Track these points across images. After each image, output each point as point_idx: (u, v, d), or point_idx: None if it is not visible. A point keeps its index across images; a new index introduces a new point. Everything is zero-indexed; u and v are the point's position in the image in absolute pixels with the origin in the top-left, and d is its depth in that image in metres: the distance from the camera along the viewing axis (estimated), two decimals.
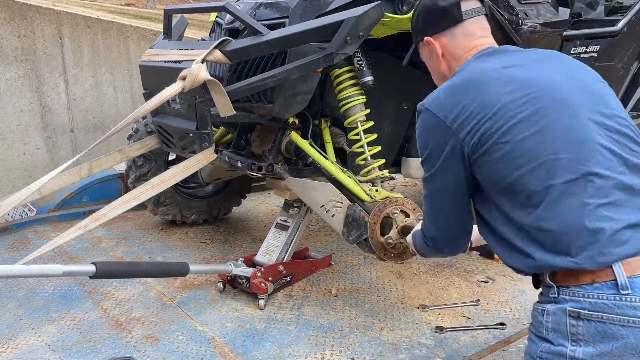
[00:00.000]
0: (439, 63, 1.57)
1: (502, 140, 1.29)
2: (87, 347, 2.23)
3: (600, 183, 1.23)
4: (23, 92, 5.16)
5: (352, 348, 2.22)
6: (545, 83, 1.34)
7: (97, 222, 2.44)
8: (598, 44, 2.96)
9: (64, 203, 3.89)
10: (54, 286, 2.78)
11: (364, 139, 2.50)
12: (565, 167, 1.25)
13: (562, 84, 1.34)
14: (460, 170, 1.37)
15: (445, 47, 1.54)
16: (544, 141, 1.27)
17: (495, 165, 1.31)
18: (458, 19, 1.51)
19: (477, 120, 1.32)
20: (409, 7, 2.25)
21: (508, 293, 2.72)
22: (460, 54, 1.52)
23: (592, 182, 1.23)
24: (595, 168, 1.24)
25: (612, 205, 1.22)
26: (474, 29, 1.53)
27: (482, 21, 1.55)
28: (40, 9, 5.22)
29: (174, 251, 3.30)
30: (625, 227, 1.21)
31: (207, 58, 2.37)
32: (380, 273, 2.95)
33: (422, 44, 1.61)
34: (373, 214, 2.27)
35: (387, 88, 2.71)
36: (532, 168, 1.26)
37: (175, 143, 3.00)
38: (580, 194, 1.23)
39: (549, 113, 1.29)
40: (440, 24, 1.54)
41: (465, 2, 1.52)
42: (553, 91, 1.32)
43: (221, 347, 2.23)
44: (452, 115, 1.35)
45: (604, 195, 1.23)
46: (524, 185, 1.27)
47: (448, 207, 1.47)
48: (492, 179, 1.34)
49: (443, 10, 1.53)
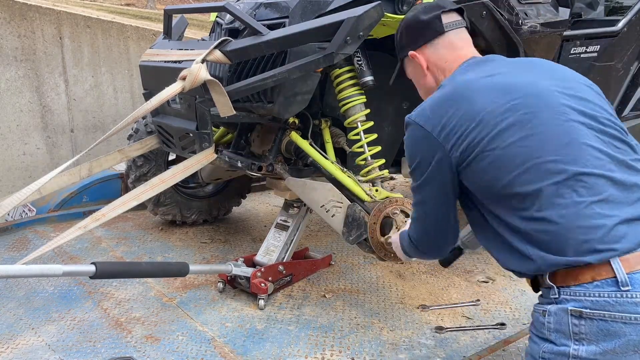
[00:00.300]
0: (424, 76, 1.62)
1: (489, 148, 1.31)
2: (87, 347, 2.23)
3: (591, 181, 1.25)
4: (23, 92, 5.16)
5: (352, 348, 2.22)
6: (529, 89, 1.36)
7: (97, 222, 2.44)
8: (598, 44, 2.96)
9: (64, 203, 3.89)
10: (54, 286, 2.78)
11: (364, 139, 2.50)
12: (554, 169, 1.27)
13: (545, 89, 1.36)
14: (447, 180, 1.41)
15: (429, 60, 1.59)
16: (531, 145, 1.29)
17: (484, 173, 1.34)
18: (440, 31, 1.57)
19: (462, 131, 1.35)
20: (409, 7, 2.26)
21: (508, 293, 2.72)
22: (445, 66, 1.56)
23: (582, 182, 1.24)
24: (584, 168, 1.26)
25: (605, 202, 1.24)
26: (455, 40, 1.57)
27: (464, 33, 1.61)
28: (40, 9, 5.22)
29: (174, 251, 3.30)
30: (620, 223, 1.22)
31: (207, 58, 2.37)
32: (380, 273, 2.95)
33: (407, 60, 1.67)
34: (373, 214, 2.28)
35: (387, 88, 2.71)
36: (521, 172, 1.28)
37: (175, 143, 3.00)
38: (572, 193, 1.25)
39: (534, 118, 1.31)
40: (422, 37, 1.60)
41: (446, 15, 1.57)
42: (537, 96, 1.34)
43: (221, 347, 2.23)
44: (439, 127, 1.38)
45: (596, 193, 1.24)
46: (514, 189, 1.29)
47: (435, 215, 1.52)
48: (482, 187, 1.36)
49: (425, 23, 1.58)
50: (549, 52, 2.65)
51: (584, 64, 2.93)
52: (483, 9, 2.28)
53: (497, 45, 2.43)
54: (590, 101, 1.37)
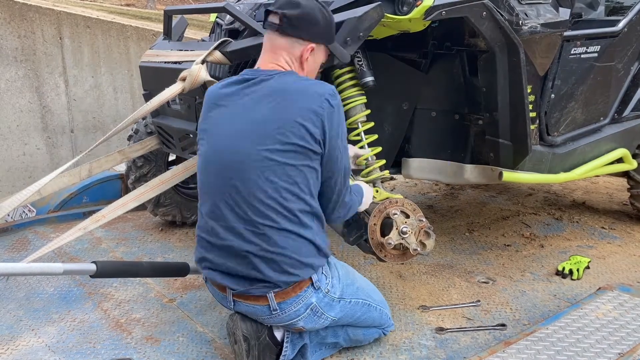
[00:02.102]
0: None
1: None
2: (87, 349, 2.23)
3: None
4: (23, 92, 5.16)
5: (352, 349, 2.22)
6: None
7: (97, 224, 2.44)
8: (598, 45, 2.96)
9: (64, 204, 3.89)
10: (54, 287, 2.78)
11: (364, 139, 2.49)
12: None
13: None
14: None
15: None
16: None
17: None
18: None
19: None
20: (409, 7, 2.25)
21: (508, 294, 2.72)
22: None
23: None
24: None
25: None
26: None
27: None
28: (40, 9, 5.23)
29: (173, 252, 3.30)
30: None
31: (207, 59, 2.37)
32: (381, 274, 2.95)
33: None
34: (373, 215, 2.27)
35: (388, 88, 2.71)
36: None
37: (175, 144, 3.00)
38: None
39: None
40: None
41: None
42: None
43: (221, 348, 2.23)
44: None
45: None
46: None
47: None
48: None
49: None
50: (549, 53, 2.65)
51: (584, 65, 2.93)
52: (483, 10, 2.28)
53: (497, 46, 2.43)
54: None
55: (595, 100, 3.10)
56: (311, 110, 1.78)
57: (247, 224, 1.81)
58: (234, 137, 1.83)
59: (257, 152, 1.77)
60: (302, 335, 2.01)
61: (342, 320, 2.02)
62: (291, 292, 1.86)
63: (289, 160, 1.77)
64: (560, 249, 3.29)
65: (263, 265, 1.82)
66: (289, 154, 1.77)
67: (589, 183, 4.77)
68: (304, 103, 1.79)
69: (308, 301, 1.89)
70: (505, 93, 2.56)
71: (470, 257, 3.16)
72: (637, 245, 3.37)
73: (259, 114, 1.80)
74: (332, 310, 1.96)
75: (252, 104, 1.83)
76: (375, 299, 2.14)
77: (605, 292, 2.36)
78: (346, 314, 2.01)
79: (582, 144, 3.07)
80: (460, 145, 2.90)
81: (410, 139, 2.95)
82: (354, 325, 2.10)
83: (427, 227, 2.23)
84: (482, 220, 3.80)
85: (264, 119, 1.79)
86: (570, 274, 2.88)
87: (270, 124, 1.78)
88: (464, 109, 2.84)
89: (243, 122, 1.82)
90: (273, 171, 1.77)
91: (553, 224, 3.73)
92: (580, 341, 1.96)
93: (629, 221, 3.78)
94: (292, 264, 1.83)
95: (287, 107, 1.79)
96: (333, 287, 1.96)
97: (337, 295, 1.97)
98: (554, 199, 4.32)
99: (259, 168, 1.77)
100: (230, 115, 1.86)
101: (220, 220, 1.86)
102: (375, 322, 2.14)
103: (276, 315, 1.88)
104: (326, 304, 1.93)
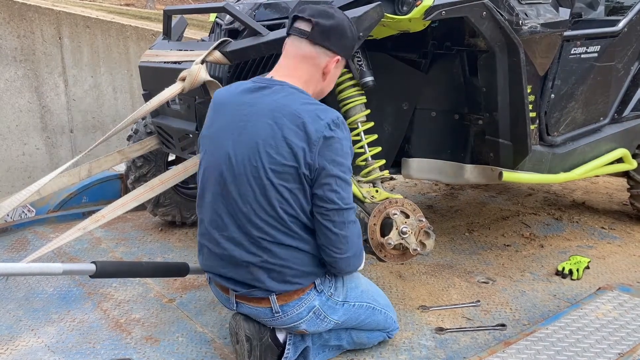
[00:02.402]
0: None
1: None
2: (87, 349, 2.22)
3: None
4: (22, 92, 5.16)
5: (352, 349, 2.21)
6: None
7: (97, 224, 2.44)
8: (598, 44, 2.96)
9: (64, 204, 3.89)
10: (54, 287, 2.77)
11: (364, 139, 2.49)
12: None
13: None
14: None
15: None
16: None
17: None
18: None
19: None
20: (409, 7, 2.25)
21: (508, 294, 2.71)
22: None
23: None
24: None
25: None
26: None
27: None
28: (39, 9, 5.22)
29: (173, 252, 3.29)
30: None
31: (207, 59, 2.37)
32: (380, 274, 2.95)
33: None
34: (373, 215, 2.27)
35: (387, 88, 2.70)
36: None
37: (174, 144, 3.00)
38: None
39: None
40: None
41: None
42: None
43: (221, 348, 2.23)
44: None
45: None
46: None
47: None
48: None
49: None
50: (549, 53, 2.65)
51: (584, 65, 2.93)
52: (483, 10, 2.28)
53: (497, 46, 2.43)
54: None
55: (595, 100, 3.10)
56: (310, 134, 1.73)
57: (248, 237, 1.81)
58: (234, 150, 1.80)
59: (255, 170, 1.76)
60: (305, 337, 2.01)
61: (346, 323, 2.01)
62: (294, 295, 1.86)
63: (283, 182, 1.75)
64: (560, 249, 3.29)
65: (265, 275, 1.82)
66: (284, 175, 1.74)
67: (588, 183, 4.77)
68: (305, 127, 1.73)
69: (311, 304, 1.88)
70: (505, 93, 2.56)
71: (470, 257, 3.16)
72: (637, 245, 3.37)
73: (260, 130, 1.77)
74: (335, 313, 1.95)
75: (256, 117, 1.79)
76: (381, 302, 2.12)
77: (605, 292, 2.36)
78: (350, 317, 2.00)
79: (582, 144, 3.07)
80: (460, 145, 2.90)
81: (410, 139, 2.95)
82: (358, 329, 2.09)
83: (427, 227, 2.23)
84: (482, 220, 3.80)
85: (265, 137, 1.76)
86: (570, 274, 2.88)
87: (269, 141, 1.75)
88: (464, 109, 2.84)
89: (244, 136, 1.79)
90: (269, 191, 1.75)
91: (553, 224, 3.73)
92: (580, 341, 1.96)
93: (629, 221, 3.78)
94: (294, 274, 1.83)
95: (287, 128, 1.74)
96: (336, 290, 1.96)
97: (341, 298, 1.97)
98: (553, 199, 4.32)
99: (257, 186, 1.76)
100: (233, 126, 1.83)
101: (222, 230, 1.86)
102: (379, 326, 2.13)
103: (278, 317, 1.87)
104: (329, 307, 1.93)
